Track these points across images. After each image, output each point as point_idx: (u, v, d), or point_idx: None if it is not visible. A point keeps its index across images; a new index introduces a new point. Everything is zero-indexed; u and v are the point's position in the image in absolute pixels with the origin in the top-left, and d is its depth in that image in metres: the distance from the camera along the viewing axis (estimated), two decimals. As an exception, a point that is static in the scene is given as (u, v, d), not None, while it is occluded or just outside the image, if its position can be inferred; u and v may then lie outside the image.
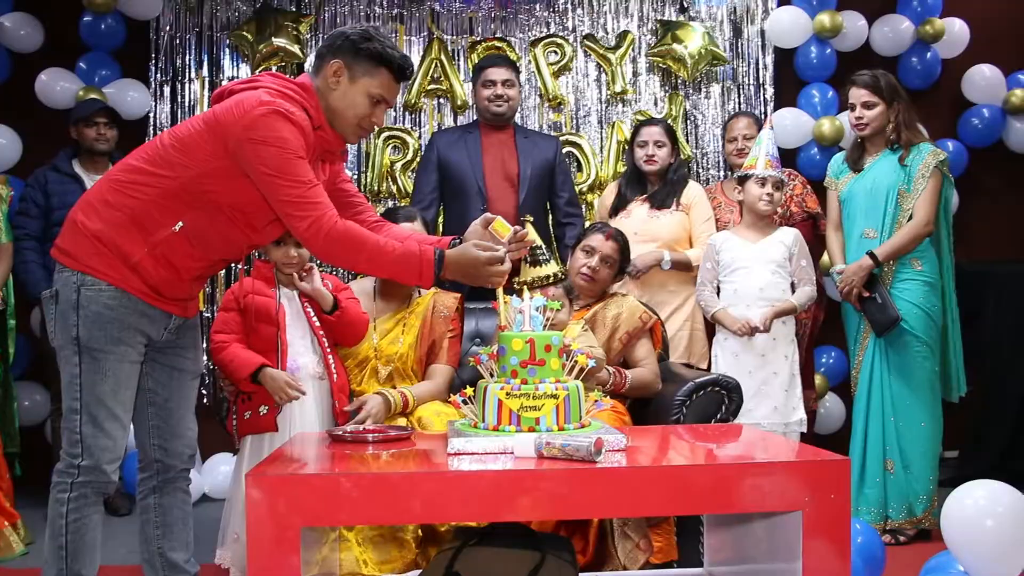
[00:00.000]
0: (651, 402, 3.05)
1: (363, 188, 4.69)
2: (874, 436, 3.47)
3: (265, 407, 2.72)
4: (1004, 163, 5.06)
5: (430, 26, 4.77)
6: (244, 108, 2.11)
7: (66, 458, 2.17)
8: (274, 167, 2.10)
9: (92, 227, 2.16)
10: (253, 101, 2.12)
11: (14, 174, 4.34)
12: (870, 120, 3.51)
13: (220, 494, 4.00)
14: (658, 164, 3.81)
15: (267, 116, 2.10)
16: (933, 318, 3.44)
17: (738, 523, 2.27)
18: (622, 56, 4.82)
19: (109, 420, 2.16)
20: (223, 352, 2.73)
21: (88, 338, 2.14)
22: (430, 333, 3.07)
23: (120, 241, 2.15)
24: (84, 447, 2.14)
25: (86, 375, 2.14)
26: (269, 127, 2.09)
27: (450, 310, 3.12)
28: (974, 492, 2.33)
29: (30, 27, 4.57)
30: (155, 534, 2.40)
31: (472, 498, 1.81)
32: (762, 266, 3.46)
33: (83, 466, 2.15)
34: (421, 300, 3.14)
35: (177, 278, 2.23)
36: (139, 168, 2.19)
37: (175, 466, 2.40)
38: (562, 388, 2.08)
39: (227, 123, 2.12)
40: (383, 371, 3.02)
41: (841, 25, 4.73)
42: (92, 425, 2.14)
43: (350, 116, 2.26)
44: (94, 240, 2.15)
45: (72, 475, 2.15)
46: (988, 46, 5.00)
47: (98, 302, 2.14)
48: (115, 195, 2.18)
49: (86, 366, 2.14)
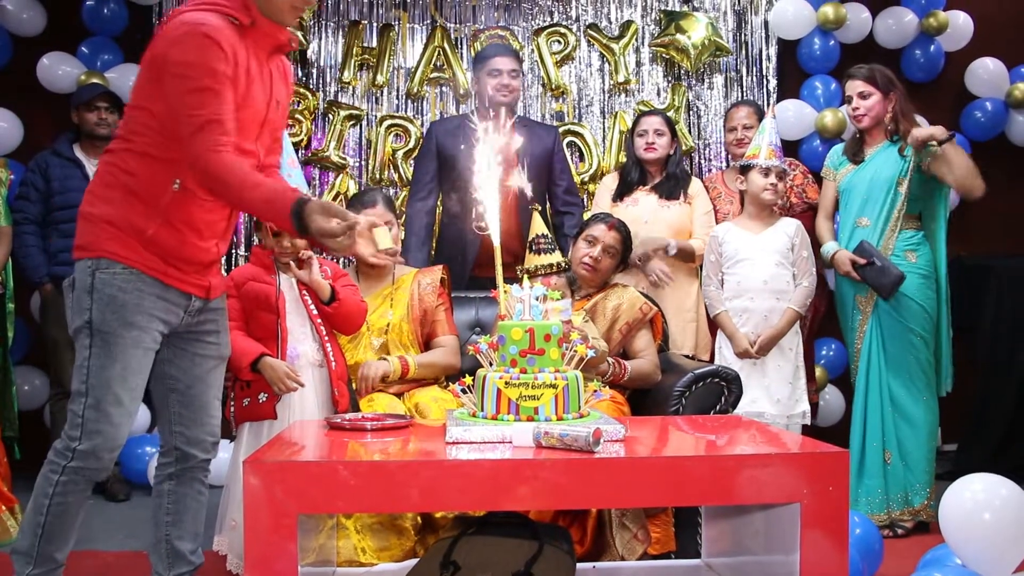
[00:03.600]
0: (650, 393, 3.05)
1: (365, 176, 4.69)
2: (873, 427, 3.47)
3: (264, 395, 2.72)
4: (1006, 156, 5.05)
5: (433, 14, 4.75)
6: (164, 39, 2.06)
7: (64, 439, 2.12)
8: (178, 96, 2.03)
9: (100, 213, 2.13)
10: (170, 28, 2.07)
11: (15, 158, 4.33)
12: (867, 109, 3.52)
13: (218, 480, 3.94)
14: (657, 152, 3.81)
15: (182, 40, 2.03)
16: (928, 310, 3.44)
17: (736, 514, 2.27)
18: (625, 46, 4.80)
19: (113, 405, 2.11)
20: None
21: (100, 321, 2.09)
22: (420, 304, 3.12)
23: (132, 218, 2.12)
24: (84, 431, 2.09)
25: (95, 358, 2.10)
26: (182, 53, 2.02)
27: (435, 281, 3.17)
28: (972, 485, 2.33)
29: (32, 11, 4.55)
30: (164, 520, 2.34)
31: (470, 487, 1.81)
32: (766, 257, 3.46)
33: (79, 450, 2.09)
34: (404, 277, 3.19)
35: (200, 238, 2.19)
36: (118, 142, 2.16)
37: (196, 456, 2.34)
38: (561, 378, 2.07)
39: (154, 60, 2.07)
40: (376, 342, 3.06)
41: (845, 17, 4.72)
42: (95, 409, 2.09)
43: None
44: (106, 225, 2.12)
45: (66, 457, 2.10)
46: (991, 40, 4.99)
47: (112, 285, 2.10)
48: (109, 176, 2.15)
49: (96, 349, 2.09)
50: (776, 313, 3.44)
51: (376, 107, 4.75)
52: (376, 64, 4.71)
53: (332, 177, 4.69)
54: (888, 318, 3.45)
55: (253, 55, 2.15)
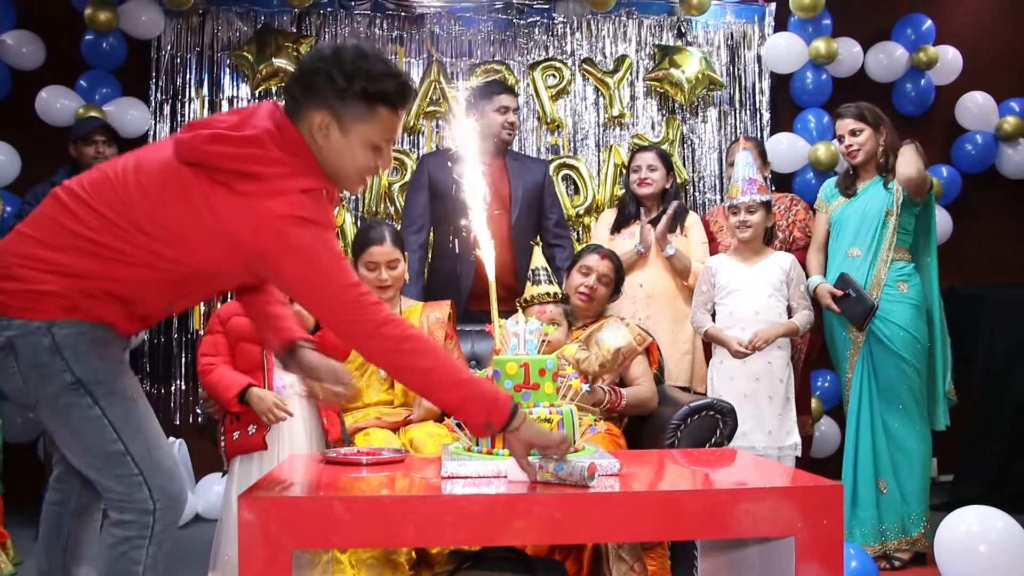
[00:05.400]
0: (646, 425, 3.05)
1: (361, 209, 4.72)
2: (865, 458, 3.48)
3: (253, 426, 2.74)
4: (997, 189, 5.11)
5: (429, 48, 4.80)
6: (259, 218, 1.76)
7: (131, 510, 1.85)
8: (314, 281, 1.80)
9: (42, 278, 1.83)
10: (269, 211, 1.76)
11: (13, 191, 4.35)
12: (860, 145, 3.58)
13: (213, 514, 3.98)
14: (651, 187, 3.85)
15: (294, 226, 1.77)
16: (920, 340, 3.47)
17: (732, 548, 2.27)
18: (620, 80, 4.85)
19: (158, 447, 1.90)
20: (210, 374, 2.76)
21: (91, 372, 1.85)
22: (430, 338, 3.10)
23: (80, 298, 1.85)
24: (152, 487, 1.85)
25: (110, 410, 1.85)
26: (298, 237, 1.76)
27: (444, 316, 3.18)
28: (967, 517, 2.34)
29: (32, 45, 4.60)
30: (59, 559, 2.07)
31: (465, 522, 1.81)
32: (759, 288, 3.47)
33: (160, 510, 1.86)
34: (411, 310, 3.21)
35: (128, 311, 1.94)
36: (95, 219, 1.84)
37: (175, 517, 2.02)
38: (556, 412, 2.07)
39: (238, 233, 1.79)
40: (382, 372, 3.05)
41: (836, 51, 4.78)
42: (147, 461, 1.86)
43: (350, 170, 1.90)
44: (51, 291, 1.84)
45: (148, 525, 1.85)
46: (980, 74, 5.06)
47: (79, 337, 1.85)
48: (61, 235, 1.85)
49: (105, 401, 1.85)
50: (768, 344, 3.45)
51: (373, 140, 4.77)
52: (373, 98, 4.74)
53: (329, 209, 4.70)
54: (880, 348, 3.47)
55: None
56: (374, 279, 3.08)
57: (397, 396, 3.06)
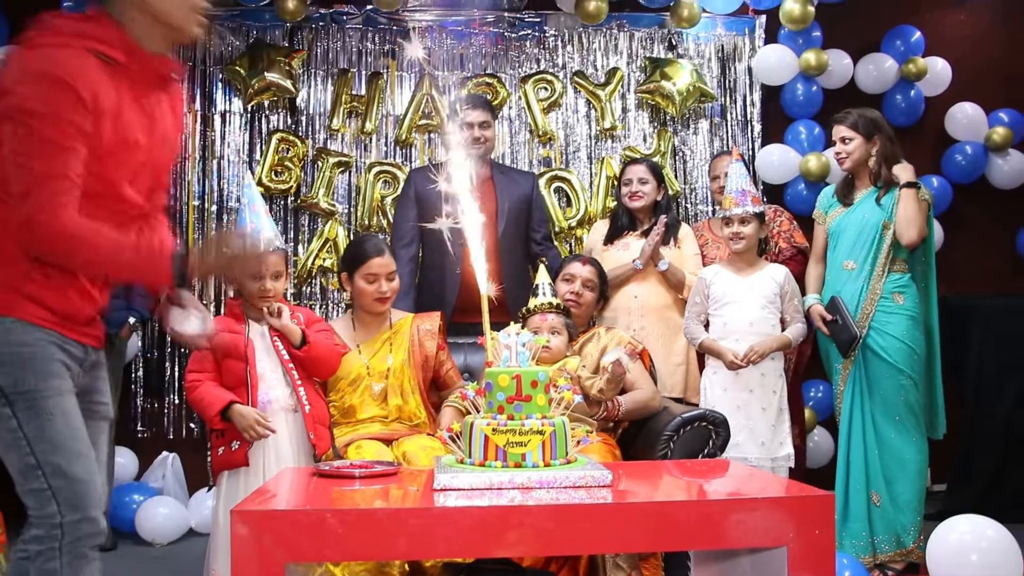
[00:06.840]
0: (640, 436, 3.06)
1: (354, 222, 4.73)
2: (857, 469, 3.48)
3: (237, 443, 2.76)
4: (987, 199, 5.13)
5: (421, 61, 4.82)
6: (16, 71, 1.82)
7: (42, 523, 1.82)
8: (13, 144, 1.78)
9: None
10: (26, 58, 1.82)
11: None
12: (847, 153, 3.61)
13: (206, 528, 3.99)
14: (642, 200, 3.87)
15: (34, 81, 1.79)
16: (916, 351, 3.48)
17: (725, 558, 2.27)
18: (611, 93, 4.87)
19: (75, 462, 1.85)
20: (195, 391, 2.79)
21: (13, 383, 1.82)
22: (421, 349, 3.14)
23: (6, 273, 1.86)
24: (60, 502, 1.82)
25: (26, 425, 1.82)
26: (27, 99, 1.78)
27: (434, 328, 3.20)
28: (959, 526, 2.34)
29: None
30: None
31: (458, 534, 1.81)
32: (753, 300, 3.48)
33: (67, 523, 1.82)
34: (402, 322, 3.21)
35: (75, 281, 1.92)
36: None
37: (84, 530, 1.89)
38: (548, 424, 2.08)
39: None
40: (376, 387, 3.06)
41: (826, 63, 4.80)
42: (60, 476, 1.82)
43: (179, 5, 1.92)
44: None
45: (56, 538, 1.82)
46: (970, 85, 5.09)
47: (9, 342, 1.83)
48: None
49: (22, 415, 1.82)
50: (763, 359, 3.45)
51: (365, 154, 4.79)
52: (365, 111, 4.76)
53: (321, 224, 4.72)
54: (875, 360, 3.47)
55: (128, 92, 1.91)
56: (374, 291, 3.09)
57: (391, 412, 3.06)
